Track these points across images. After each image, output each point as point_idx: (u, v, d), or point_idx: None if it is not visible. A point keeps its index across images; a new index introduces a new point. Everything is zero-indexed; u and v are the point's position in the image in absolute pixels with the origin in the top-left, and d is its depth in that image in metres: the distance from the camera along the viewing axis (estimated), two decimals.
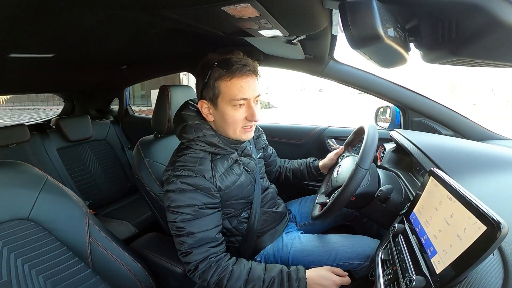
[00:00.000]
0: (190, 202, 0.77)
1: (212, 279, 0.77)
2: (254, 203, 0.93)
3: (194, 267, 0.78)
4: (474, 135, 1.16)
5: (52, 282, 0.71)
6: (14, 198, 0.70)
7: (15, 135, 1.67)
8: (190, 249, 0.77)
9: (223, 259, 0.80)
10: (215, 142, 0.82)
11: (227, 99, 0.76)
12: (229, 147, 0.85)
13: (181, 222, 0.77)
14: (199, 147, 0.82)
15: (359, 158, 0.77)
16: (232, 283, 0.76)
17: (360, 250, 0.88)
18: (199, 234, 0.77)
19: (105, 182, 2.00)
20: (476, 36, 0.47)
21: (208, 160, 0.82)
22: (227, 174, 0.84)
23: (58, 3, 0.60)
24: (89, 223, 0.79)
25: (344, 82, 1.32)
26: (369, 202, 0.84)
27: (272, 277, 0.77)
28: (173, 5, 0.63)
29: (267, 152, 1.17)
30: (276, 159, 1.22)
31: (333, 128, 1.49)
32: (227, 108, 0.77)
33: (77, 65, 1.40)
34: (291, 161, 1.23)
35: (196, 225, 0.77)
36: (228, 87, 0.75)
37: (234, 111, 0.77)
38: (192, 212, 0.77)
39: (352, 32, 0.49)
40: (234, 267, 0.78)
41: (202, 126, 0.82)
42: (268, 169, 1.19)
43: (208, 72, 0.76)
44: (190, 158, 0.81)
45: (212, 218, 0.80)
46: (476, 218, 0.43)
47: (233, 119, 0.78)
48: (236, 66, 0.74)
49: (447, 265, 0.46)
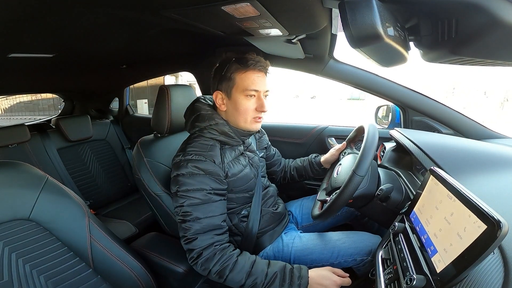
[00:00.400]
0: (199, 186, 0.80)
1: (214, 268, 0.77)
2: (254, 199, 0.95)
3: (197, 254, 0.78)
4: (474, 134, 1.16)
5: (53, 282, 0.71)
6: (15, 198, 0.70)
7: (15, 135, 1.67)
8: (195, 235, 0.78)
9: (228, 249, 0.80)
10: (226, 130, 0.87)
11: (241, 89, 0.84)
12: (238, 138, 0.90)
13: (188, 206, 0.79)
14: (210, 135, 0.87)
15: (355, 165, 0.76)
16: (234, 274, 0.76)
17: (362, 246, 0.89)
18: (206, 220, 0.79)
19: (105, 182, 2.00)
20: (476, 35, 0.47)
21: (217, 148, 0.87)
22: (234, 162, 0.89)
23: (58, 3, 0.60)
24: (89, 223, 0.79)
25: (344, 81, 1.32)
26: (368, 202, 0.85)
27: (275, 272, 0.77)
28: (173, 5, 0.63)
29: (270, 152, 1.20)
30: (280, 158, 1.25)
31: (333, 127, 1.49)
32: (240, 97, 0.85)
33: (77, 65, 1.40)
34: (294, 160, 1.25)
35: (203, 210, 0.79)
36: (243, 79, 0.84)
37: (246, 101, 0.85)
38: (201, 197, 0.79)
39: (351, 31, 0.49)
40: (239, 258, 0.78)
41: (214, 115, 0.88)
42: (273, 169, 1.21)
43: (226, 66, 0.85)
44: (201, 145, 0.85)
45: (218, 205, 0.82)
46: (476, 217, 0.43)
47: (245, 107, 0.85)
48: (250, 62, 0.84)
49: (447, 264, 0.46)
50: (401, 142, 0.99)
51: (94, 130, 2.00)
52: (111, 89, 2.28)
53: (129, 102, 2.39)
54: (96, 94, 2.32)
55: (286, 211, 1.11)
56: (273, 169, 1.21)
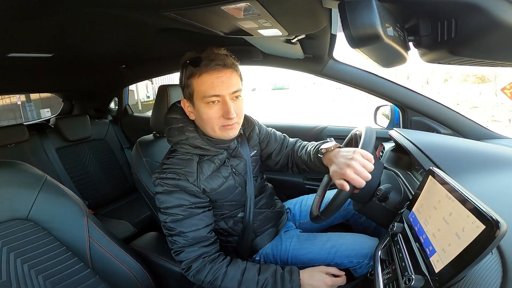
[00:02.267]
0: (178, 202, 0.78)
1: (206, 279, 0.78)
2: (247, 204, 0.92)
3: (187, 266, 0.79)
4: (473, 134, 1.16)
5: (51, 282, 0.71)
6: (13, 198, 0.69)
7: (13, 135, 1.66)
8: (182, 248, 0.79)
9: (217, 259, 0.80)
10: (198, 144, 0.80)
11: (200, 96, 0.74)
12: (215, 148, 0.83)
13: (171, 222, 0.78)
14: (185, 150, 0.82)
15: (360, 145, 0.76)
16: (226, 283, 0.77)
17: (359, 248, 0.88)
18: (190, 234, 0.78)
19: (104, 182, 2.00)
20: (475, 35, 0.47)
21: (194, 162, 0.82)
22: (212, 177, 0.83)
23: (58, 3, 0.60)
24: (88, 223, 0.79)
25: (344, 81, 1.33)
26: (370, 199, 0.84)
27: (266, 278, 0.77)
28: (173, 5, 0.63)
29: (268, 141, 1.02)
30: (282, 141, 1.04)
31: (332, 127, 1.50)
32: (201, 106, 0.75)
33: (76, 64, 1.40)
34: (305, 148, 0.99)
35: (186, 224, 0.78)
36: (199, 84, 0.73)
37: (208, 109, 0.75)
38: (181, 212, 0.78)
39: (351, 32, 0.49)
40: (228, 268, 0.79)
41: (184, 129, 0.81)
42: (280, 158, 1.03)
43: (183, 71, 0.77)
44: (177, 161, 0.81)
45: (202, 218, 0.81)
46: (475, 217, 0.43)
47: (207, 116, 0.76)
48: (204, 62, 0.72)
49: (446, 264, 0.46)
50: (400, 142, 1.00)
51: (93, 130, 2.00)
52: (110, 89, 2.27)
53: (128, 102, 2.39)
54: (95, 94, 2.31)
55: (284, 209, 1.11)
56: (279, 158, 1.02)
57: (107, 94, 2.35)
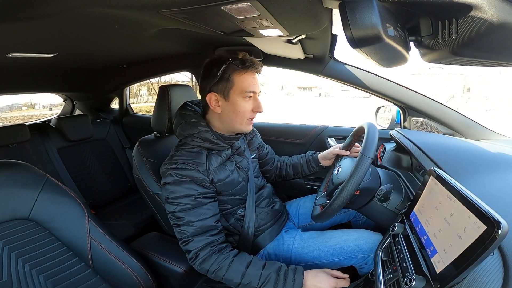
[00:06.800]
0: (187, 192, 0.82)
1: (212, 268, 0.79)
2: (248, 200, 0.95)
3: (195, 254, 0.81)
4: (473, 134, 1.16)
5: (52, 281, 0.71)
6: (14, 198, 0.70)
7: (15, 135, 1.67)
8: (191, 237, 0.81)
9: (225, 249, 0.82)
10: (209, 138, 0.87)
11: (239, 90, 0.84)
12: (223, 143, 0.89)
13: (180, 211, 0.81)
14: (195, 143, 0.88)
15: (363, 147, 0.76)
16: (230, 274, 0.78)
17: (363, 243, 0.89)
18: (198, 223, 0.81)
19: (105, 182, 2.00)
20: (476, 36, 0.47)
21: (203, 155, 0.87)
22: (220, 169, 0.89)
23: (58, 3, 0.60)
24: (89, 223, 0.80)
25: (344, 81, 1.32)
26: (369, 201, 0.84)
27: (269, 274, 0.78)
28: (173, 5, 0.63)
29: (262, 151, 1.19)
30: (273, 157, 1.23)
31: (333, 127, 1.50)
32: (239, 99, 0.85)
33: (77, 65, 1.40)
34: (291, 157, 1.25)
35: (194, 214, 0.81)
36: (241, 80, 0.84)
37: (244, 102, 0.86)
38: (190, 202, 0.81)
39: (352, 32, 0.49)
40: (235, 259, 0.80)
41: (197, 124, 0.88)
42: (266, 168, 1.20)
43: (222, 67, 0.84)
44: (186, 153, 0.87)
45: (209, 207, 0.85)
46: (476, 218, 0.43)
47: (244, 109, 0.86)
48: (249, 63, 0.84)
49: (447, 265, 0.46)
50: (401, 142, 0.99)
51: (94, 130, 2.00)
52: (111, 89, 2.28)
53: (129, 102, 2.39)
54: (96, 94, 2.32)
55: (284, 208, 1.11)
56: (266, 168, 1.20)
57: (108, 94, 2.36)
